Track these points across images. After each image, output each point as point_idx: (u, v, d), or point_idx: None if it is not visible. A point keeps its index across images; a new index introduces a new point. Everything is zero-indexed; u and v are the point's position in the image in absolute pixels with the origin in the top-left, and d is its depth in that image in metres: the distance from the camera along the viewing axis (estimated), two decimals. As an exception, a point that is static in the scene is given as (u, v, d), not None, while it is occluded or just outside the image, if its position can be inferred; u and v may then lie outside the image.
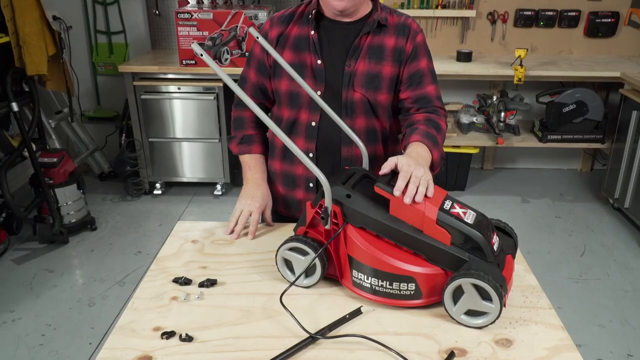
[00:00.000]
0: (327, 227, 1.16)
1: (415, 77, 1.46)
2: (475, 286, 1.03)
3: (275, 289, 1.24)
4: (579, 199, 3.84)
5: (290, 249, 1.21)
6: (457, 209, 1.09)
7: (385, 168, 1.16)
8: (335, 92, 1.46)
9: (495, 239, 1.10)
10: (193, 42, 1.20)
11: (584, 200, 3.82)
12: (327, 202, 1.13)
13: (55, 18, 3.65)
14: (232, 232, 1.49)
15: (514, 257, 1.18)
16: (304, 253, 1.19)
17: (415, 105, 1.47)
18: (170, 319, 1.16)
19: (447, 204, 1.09)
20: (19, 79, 3.08)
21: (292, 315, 1.10)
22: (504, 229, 1.24)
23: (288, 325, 1.12)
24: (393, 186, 1.10)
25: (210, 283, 1.28)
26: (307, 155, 1.51)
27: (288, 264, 1.24)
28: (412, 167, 1.12)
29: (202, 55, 1.17)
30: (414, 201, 1.09)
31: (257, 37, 1.37)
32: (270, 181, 1.63)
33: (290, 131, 1.52)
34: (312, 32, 1.46)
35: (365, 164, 1.34)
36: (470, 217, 1.08)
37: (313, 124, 1.49)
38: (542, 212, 3.66)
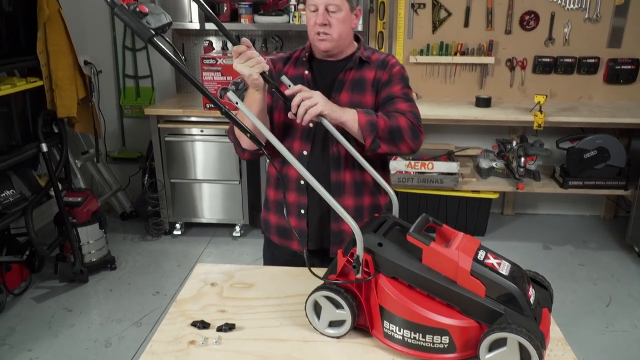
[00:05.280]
0: (359, 276, 1.15)
1: (387, 99, 1.62)
2: (519, 344, 1.01)
3: (294, 335, 1.23)
4: (603, 246, 3.77)
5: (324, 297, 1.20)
6: (492, 260, 1.08)
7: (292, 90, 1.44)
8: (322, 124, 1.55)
9: (532, 292, 1.08)
10: (229, 91, 1.24)
11: (608, 248, 3.75)
12: (359, 250, 1.13)
13: (86, 63, 3.77)
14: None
15: (550, 311, 1.16)
16: (335, 302, 1.18)
17: None
18: (187, 364, 1.16)
19: (481, 254, 1.09)
20: (50, 121, 3.17)
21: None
22: (538, 280, 1.22)
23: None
24: (425, 235, 1.10)
25: (228, 327, 1.27)
26: (298, 182, 1.65)
27: (316, 310, 1.24)
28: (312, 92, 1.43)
29: (237, 103, 1.21)
30: (446, 249, 1.08)
31: (290, 86, 1.42)
32: (266, 209, 1.80)
33: (283, 160, 1.60)
34: (307, 72, 1.68)
35: (396, 211, 1.34)
36: (504, 268, 1.07)
37: (305, 152, 1.65)
38: (565, 259, 3.59)
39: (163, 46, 1.20)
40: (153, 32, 1.17)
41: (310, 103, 1.40)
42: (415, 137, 1.54)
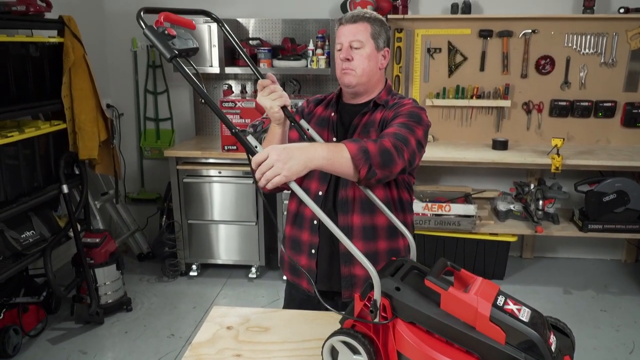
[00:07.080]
0: (376, 320, 1.14)
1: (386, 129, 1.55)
2: None
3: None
4: (625, 291, 3.68)
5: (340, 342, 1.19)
6: (511, 306, 1.06)
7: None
8: None
9: (553, 339, 1.06)
10: (248, 135, 1.26)
11: (631, 293, 3.65)
12: (376, 294, 1.12)
13: (109, 106, 3.88)
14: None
15: (572, 359, 1.13)
16: (352, 348, 1.16)
17: None
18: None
19: (501, 300, 1.07)
20: (71, 163, 3.24)
21: None
22: (559, 327, 1.20)
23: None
24: (443, 280, 1.09)
25: (243, 373, 1.26)
26: (312, 221, 1.66)
27: (333, 355, 1.22)
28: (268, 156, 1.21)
29: (256, 147, 1.23)
30: (465, 294, 1.07)
31: (308, 129, 1.45)
32: (283, 245, 1.81)
33: (300, 200, 1.56)
34: (333, 114, 1.71)
35: (413, 254, 1.33)
36: (525, 315, 1.05)
37: (320, 193, 1.67)
38: (586, 304, 3.50)
39: (185, 68, 1.25)
40: (176, 53, 1.24)
41: (268, 164, 1.22)
42: (400, 155, 1.42)
